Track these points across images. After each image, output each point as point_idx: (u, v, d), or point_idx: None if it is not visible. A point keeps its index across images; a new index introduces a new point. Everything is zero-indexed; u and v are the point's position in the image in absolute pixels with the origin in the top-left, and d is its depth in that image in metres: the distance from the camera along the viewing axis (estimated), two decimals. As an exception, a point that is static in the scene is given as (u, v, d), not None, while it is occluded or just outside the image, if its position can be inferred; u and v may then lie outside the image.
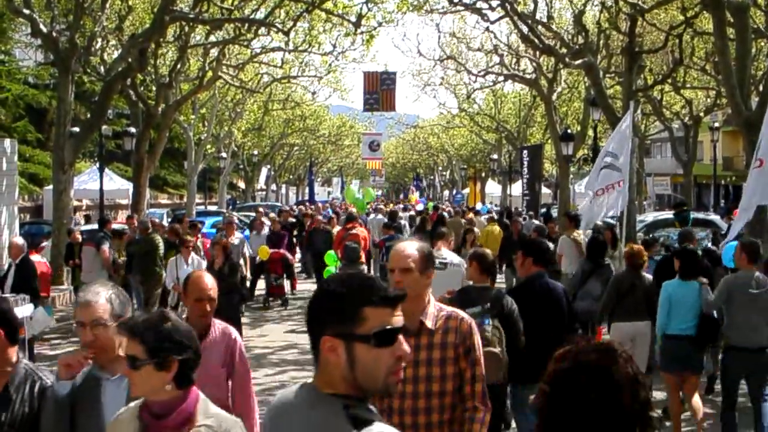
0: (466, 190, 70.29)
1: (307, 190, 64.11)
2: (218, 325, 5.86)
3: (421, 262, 4.82)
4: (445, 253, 10.90)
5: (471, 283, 8.10)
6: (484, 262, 7.89)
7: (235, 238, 18.69)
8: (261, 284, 21.91)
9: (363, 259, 17.58)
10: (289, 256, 22.00)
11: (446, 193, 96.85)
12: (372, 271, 22.09)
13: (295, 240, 26.74)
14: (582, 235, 16.32)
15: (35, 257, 14.44)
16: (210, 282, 5.82)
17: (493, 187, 68.23)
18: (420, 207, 42.99)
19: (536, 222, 27.90)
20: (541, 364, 2.84)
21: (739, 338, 9.41)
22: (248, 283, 20.17)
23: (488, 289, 7.76)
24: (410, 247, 4.90)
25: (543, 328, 7.80)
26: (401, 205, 49.27)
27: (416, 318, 4.69)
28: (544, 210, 33.11)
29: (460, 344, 4.78)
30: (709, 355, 11.58)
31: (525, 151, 34.78)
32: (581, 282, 12.81)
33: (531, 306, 7.89)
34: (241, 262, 17.94)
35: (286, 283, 21.88)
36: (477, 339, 4.88)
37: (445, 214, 30.18)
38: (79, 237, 18.21)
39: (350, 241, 17.12)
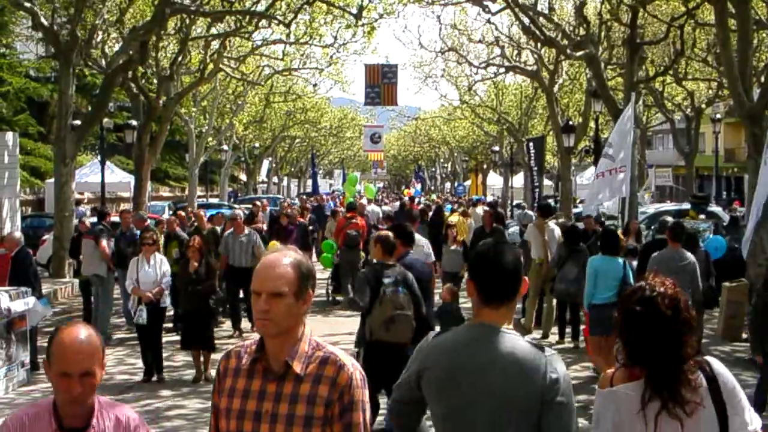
0: (468, 182, 70.29)
1: (309, 182, 64.14)
2: (109, 410, 3.80)
3: (297, 283, 3.57)
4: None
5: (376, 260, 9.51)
6: (386, 244, 9.24)
7: (243, 236, 16.75)
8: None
9: (361, 245, 19.17)
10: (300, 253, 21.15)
11: (448, 185, 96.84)
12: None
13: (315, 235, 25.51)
14: (552, 224, 17.07)
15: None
16: (88, 345, 3.66)
17: (494, 179, 68.18)
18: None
19: (529, 212, 28.05)
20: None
21: None
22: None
23: (393, 265, 9.11)
24: (282, 261, 3.60)
25: None
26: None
27: (282, 357, 3.55)
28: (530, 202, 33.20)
29: (334, 401, 3.52)
30: None
31: (531, 143, 34.70)
32: (559, 266, 14.42)
33: None
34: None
35: None
36: (360, 395, 3.58)
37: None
38: (89, 225, 18.07)
39: (351, 229, 19.20)
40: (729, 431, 3.67)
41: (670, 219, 16.74)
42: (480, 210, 27.82)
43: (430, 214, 25.99)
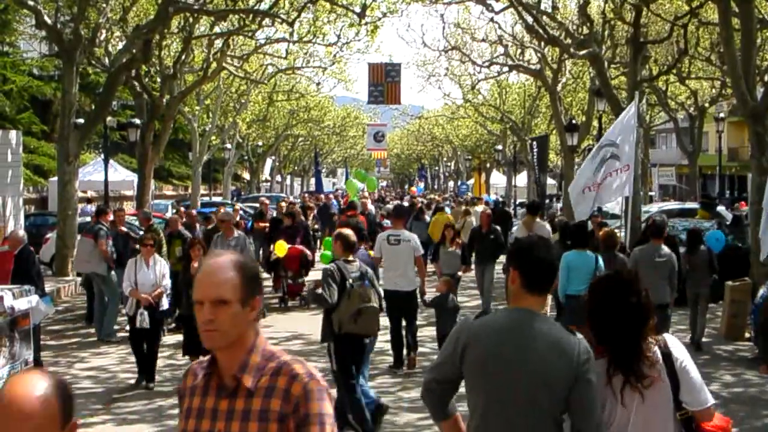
0: (471, 181, 70.27)
1: (312, 181, 64.15)
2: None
3: (242, 288, 3.27)
4: (403, 233, 13.73)
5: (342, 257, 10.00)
6: (347, 242, 9.89)
7: (232, 239, 15.99)
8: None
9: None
10: (308, 252, 20.03)
11: (451, 183, 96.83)
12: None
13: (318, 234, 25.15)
14: (540, 222, 18.04)
15: None
16: (30, 411, 2.67)
17: (497, 178, 68.20)
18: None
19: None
20: None
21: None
22: None
23: (354, 261, 9.83)
24: (225, 265, 3.29)
25: None
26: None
27: (233, 371, 3.29)
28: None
29: (288, 415, 3.19)
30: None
31: (534, 143, 34.67)
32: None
33: None
34: None
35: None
36: (318, 408, 3.21)
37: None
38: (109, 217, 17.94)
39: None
40: (682, 401, 4.23)
41: (658, 217, 17.68)
42: (480, 208, 27.92)
43: (429, 213, 26.09)
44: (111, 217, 17.26)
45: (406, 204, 32.44)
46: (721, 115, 44.49)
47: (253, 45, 35.08)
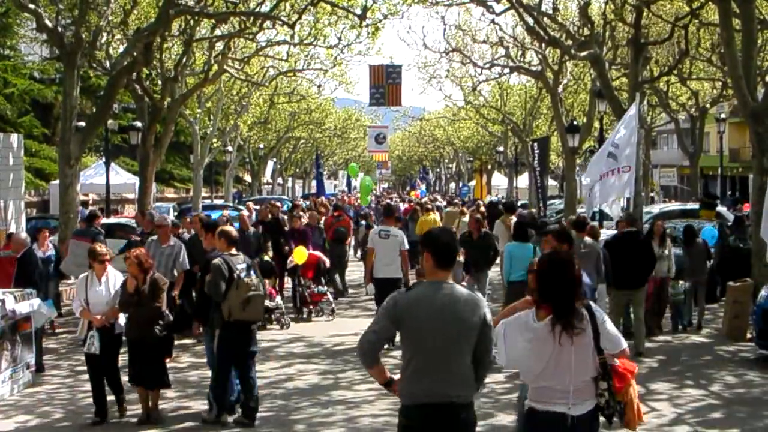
0: (473, 183, 70.23)
1: (314, 183, 64.11)
2: None
3: None
4: (391, 229, 15.61)
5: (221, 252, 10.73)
6: (229, 237, 10.66)
7: (167, 246, 14.85)
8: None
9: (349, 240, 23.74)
10: (325, 259, 19.40)
11: (452, 185, 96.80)
12: (353, 249, 27.94)
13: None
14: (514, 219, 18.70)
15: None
16: None
17: (499, 180, 68.17)
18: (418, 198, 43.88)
19: (533, 211, 28.39)
20: None
21: None
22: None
23: (237, 254, 10.64)
24: None
25: None
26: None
27: None
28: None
29: None
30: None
31: (535, 144, 34.63)
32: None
33: None
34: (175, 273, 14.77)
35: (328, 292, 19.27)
36: None
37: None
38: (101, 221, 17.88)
39: (339, 226, 22.40)
40: (601, 347, 5.67)
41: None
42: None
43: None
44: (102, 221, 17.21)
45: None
46: (722, 115, 44.53)
47: (254, 47, 35.04)
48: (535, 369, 5.69)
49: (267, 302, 16.29)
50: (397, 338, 6.30)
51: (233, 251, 10.64)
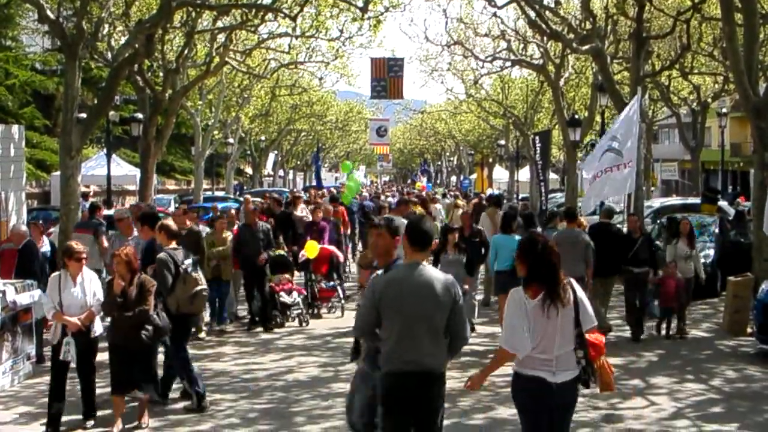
0: (474, 176, 70.23)
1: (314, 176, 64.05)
2: None
3: None
4: (395, 218, 13.87)
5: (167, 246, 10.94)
6: (169, 231, 10.87)
7: (132, 239, 13.84)
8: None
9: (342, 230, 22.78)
10: (338, 253, 18.87)
11: (453, 178, 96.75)
12: (348, 241, 25.43)
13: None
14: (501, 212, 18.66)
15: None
16: None
17: (500, 173, 68.12)
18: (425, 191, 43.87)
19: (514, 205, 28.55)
20: None
21: (565, 270, 10.86)
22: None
23: (178, 249, 10.78)
24: None
25: None
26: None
27: None
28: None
29: None
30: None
31: (537, 138, 34.60)
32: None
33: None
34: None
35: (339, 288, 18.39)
36: None
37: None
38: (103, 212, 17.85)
39: (334, 217, 21.86)
40: (580, 320, 6.39)
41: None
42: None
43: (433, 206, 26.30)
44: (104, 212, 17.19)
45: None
46: (724, 110, 44.48)
47: (256, 40, 35.00)
48: (533, 344, 6.34)
49: (284, 298, 16.51)
50: None
51: (173, 245, 10.84)
